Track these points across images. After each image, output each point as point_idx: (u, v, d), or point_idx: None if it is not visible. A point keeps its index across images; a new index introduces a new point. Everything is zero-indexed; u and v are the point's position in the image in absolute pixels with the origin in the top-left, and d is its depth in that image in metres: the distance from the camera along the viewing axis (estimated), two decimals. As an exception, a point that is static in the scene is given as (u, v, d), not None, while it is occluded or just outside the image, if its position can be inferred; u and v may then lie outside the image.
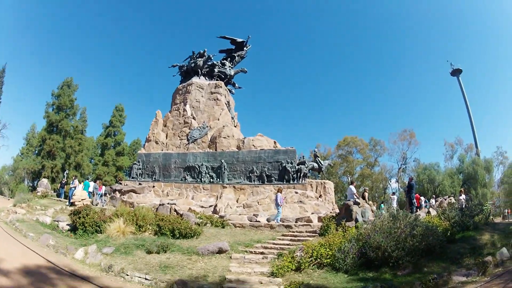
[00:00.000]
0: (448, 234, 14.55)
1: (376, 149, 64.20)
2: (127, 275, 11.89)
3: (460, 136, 67.32)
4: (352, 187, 21.47)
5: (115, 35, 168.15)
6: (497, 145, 78.14)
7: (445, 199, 21.98)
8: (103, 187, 29.56)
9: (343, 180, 64.58)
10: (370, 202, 22.96)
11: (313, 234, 16.88)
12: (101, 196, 26.85)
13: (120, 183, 31.46)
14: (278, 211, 20.61)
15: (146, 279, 11.54)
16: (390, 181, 60.81)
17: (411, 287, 10.44)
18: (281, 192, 21.28)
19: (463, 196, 22.66)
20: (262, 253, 14.36)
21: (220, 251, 14.43)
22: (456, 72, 79.39)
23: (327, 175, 58.86)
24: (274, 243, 15.75)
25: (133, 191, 29.87)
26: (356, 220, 16.53)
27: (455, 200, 21.50)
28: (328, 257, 12.52)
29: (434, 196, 25.84)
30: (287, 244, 15.35)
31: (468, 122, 73.47)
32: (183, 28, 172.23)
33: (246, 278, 11.38)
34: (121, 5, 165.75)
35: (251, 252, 14.58)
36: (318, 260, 12.55)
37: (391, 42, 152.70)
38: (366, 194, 22.27)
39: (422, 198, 26.38)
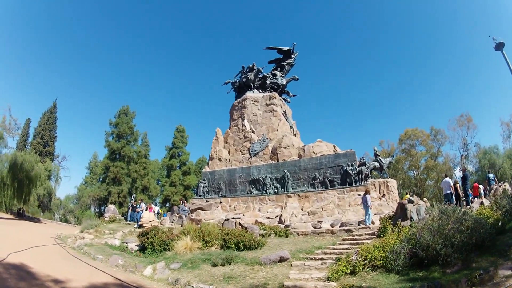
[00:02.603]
0: (499, 224, 14.06)
1: (438, 139, 61.80)
2: (193, 286, 12.55)
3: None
4: (448, 179, 21.20)
5: (162, 59, 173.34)
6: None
7: (500, 186, 21.10)
8: (154, 207, 31.11)
9: (409, 174, 62.97)
10: (425, 199, 22.48)
11: (372, 236, 16.86)
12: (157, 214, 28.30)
13: (184, 202, 32.50)
14: (367, 213, 20.32)
15: None
16: (455, 171, 58.70)
17: (457, 285, 10.31)
18: (369, 193, 21.02)
19: None
20: (321, 259, 14.55)
21: (281, 260, 14.76)
22: (499, 46, 75.50)
23: (393, 172, 57.78)
24: (334, 248, 15.86)
25: (201, 208, 30.94)
26: (411, 219, 16.30)
27: (510, 186, 20.59)
28: (381, 258, 12.58)
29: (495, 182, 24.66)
30: (346, 248, 15.40)
31: None
32: (229, 44, 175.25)
33: (302, 284, 11.67)
34: (164, 28, 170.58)
35: (311, 259, 14.77)
36: (372, 262, 12.64)
37: (432, 27, 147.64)
38: (458, 186, 21.90)
39: (480, 186, 25.13)
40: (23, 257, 13.94)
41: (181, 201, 33.16)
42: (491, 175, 24.95)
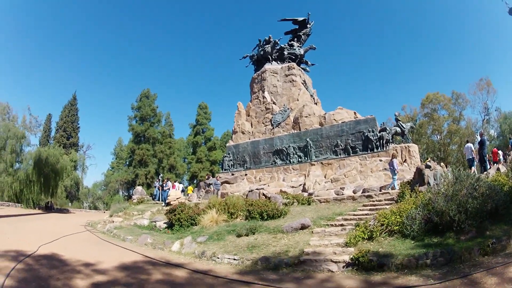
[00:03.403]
0: None
1: (459, 103, 60.82)
2: (218, 258, 12.98)
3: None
4: (470, 144, 21.22)
5: (179, 37, 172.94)
6: None
7: None
8: (177, 185, 31.91)
9: (433, 139, 62.41)
10: (442, 163, 22.42)
11: (391, 202, 16.83)
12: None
13: (209, 177, 32.78)
14: (393, 178, 20.18)
15: (234, 259, 12.55)
16: (477, 135, 58.24)
17: (470, 253, 10.20)
18: (396, 158, 21.03)
19: None
20: (341, 225, 14.75)
21: (303, 227, 15.02)
22: None
23: (416, 137, 57.25)
24: (354, 214, 15.99)
25: (227, 182, 31.51)
26: (428, 184, 16.20)
27: None
28: (397, 224, 12.63)
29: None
30: (366, 214, 15.50)
31: None
32: (245, 18, 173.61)
33: (322, 250, 11.85)
34: (179, 5, 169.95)
35: (331, 225, 14.99)
36: (389, 228, 12.72)
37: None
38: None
39: (500, 152, 24.85)
40: (54, 247, 14.42)
41: (207, 176, 33.60)
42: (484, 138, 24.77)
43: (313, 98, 38.17)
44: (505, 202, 12.55)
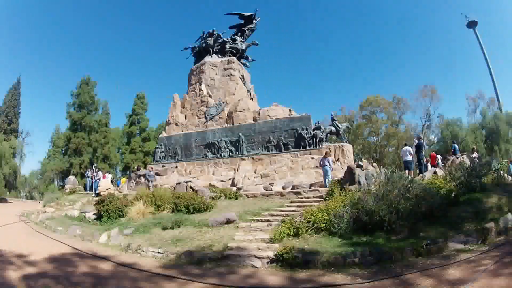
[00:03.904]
0: (452, 196, 14.18)
1: (399, 107, 63.20)
2: (143, 251, 12.69)
3: (482, 90, 65.24)
4: (408, 147, 21.47)
5: (123, 25, 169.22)
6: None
7: (457, 158, 21.36)
8: (108, 175, 30.78)
9: (369, 140, 64.32)
10: (375, 164, 22.69)
11: (320, 199, 16.83)
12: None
13: (139, 168, 32.01)
14: (327, 176, 20.17)
15: (159, 252, 12.29)
16: (415, 139, 60.04)
17: (401, 252, 10.28)
18: (329, 156, 21.48)
19: (475, 154, 22.04)
20: (268, 220, 14.59)
21: (228, 222, 14.91)
22: (472, 24, 77.00)
23: (353, 137, 58.52)
24: (281, 210, 15.97)
25: (157, 173, 30.45)
26: (359, 183, 16.27)
27: (467, 158, 20.83)
28: (324, 221, 12.54)
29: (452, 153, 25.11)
30: (293, 211, 15.48)
31: (489, 75, 71.40)
32: (191, 10, 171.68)
33: (246, 245, 11.71)
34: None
35: (258, 221, 14.87)
36: (316, 225, 12.61)
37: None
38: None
39: (438, 156, 25.40)
40: (-13, 237, 14.10)
41: (137, 167, 32.79)
42: (456, 146, 25.31)
43: (250, 94, 37.91)
44: (442, 205, 12.88)
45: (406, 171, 20.03)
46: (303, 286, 8.68)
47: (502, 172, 19.82)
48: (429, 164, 23.22)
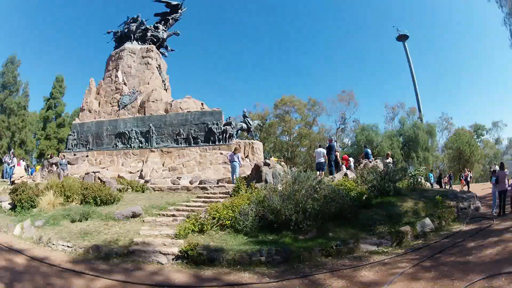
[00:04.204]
0: (364, 198, 14.43)
1: (314, 109, 65.03)
2: (53, 244, 12.19)
3: (404, 101, 69.51)
4: (321, 149, 21.57)
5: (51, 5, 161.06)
6: (443, 111, 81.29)
7: (371, 162, 21.76)
8: (22, 162, 29.09)
9: (282, 139, 65.41)
10: (283, 163, 22.74)
11: (226, 196, 16.81)
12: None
13: (52, 156, 30.24)
14: (235, 172, 20.15)
15: (68, 246, 11.88)
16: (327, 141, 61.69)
17: (310, 252, 10.24)
18: (239, 152, 21.21)
19: (389, 160, 22.54)
20: (173, 215, 14.44)
21: (134, 215, 14.58)
22: (402, 38, 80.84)
23: (265, 135, 59.09)
24: (187, 205, 15.84)
25: (69, 162, 29.06)
26: (266, 181, 16.31)
27: (381, 163, 21.24)
28: (229, 218, 12.46)
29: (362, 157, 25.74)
30: (199, 206, 15.35)
31: (412, 88, 75.54)
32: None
33: (151, 240, 11.45)
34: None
35: (163, 215, 14.74)
36: (221, 221, 12.51)
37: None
38: (338, 155, 22.15)
39: (351, 159, 26.06)
40: None
41: (50, 155, 30.86)
42: (369, 150, 25.77)
43: (164, 84, 37.08)
44: (352, 207, 13.18)
45: (318, 172, 20.17)
46: (209, 285, 8.61)
47: (421, 178, 20.36)
48: (344, 166, 23.29)
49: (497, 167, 17.81)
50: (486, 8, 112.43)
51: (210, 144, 27.29)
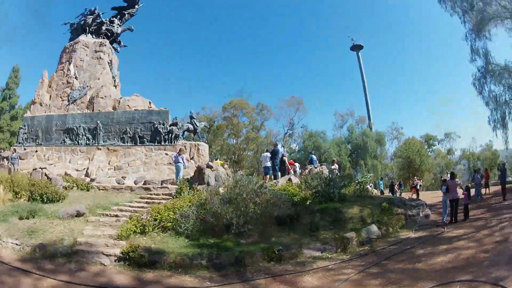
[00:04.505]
0: (307, 204, 14.53)
1: (263, 113, 65.17)
2: (3, 241, 11.83)
3: (354, 110, 70.85)
4: (268, 153, 21.70)
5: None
6: (393, 121, 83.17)
7: (316, 167, 21.90)
8: None
9: (229, 142, 65.21)
10: (226, 166, 22.75)
11: (169, 197, 16.82)
12: None
13: (4, 150, 29.89)
14: (179, 173, 20.29)
15: (17, 244, 11.65)
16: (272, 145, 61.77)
17: (252, 257, 10.22)
18: (184, 154, 21.57)
19: (335, 166, 22.72)
20: (116, 216, 14.45)
21: (79, 214, 14.48)
22: (356, 48, 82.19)
23: (212, 137, 58.93)
24: (130, 206, 15.91)
25: (19, 157, 28.48)
26: (208, 184, 16.30)
27: (327, 169, 21.37)
28: (171, 220, 12.47)
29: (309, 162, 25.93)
30: (142, 207, 15.46)
31: (363, 96, 77.51)
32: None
33: (94, 241, 11.39)
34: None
35: (106, 215, 14.72)
36: (162, 223, 12.51)
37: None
38: (286, 159, 22.19)
39: (297, 164, 26.28)
40: None
41: (2, 149, 30.37)
42: (314, 156, 25.83)
43: (115, 80, 36.50)
44: (295, 212, 13.25)
45: (265, 176, 20.29)
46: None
47: (370, 185, 20.53)
48: (292, 171, 23.34)
49: (448, 176, 18.14)
50: (448, 22, 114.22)
51: (156, 144, 27.26)
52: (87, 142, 29.37)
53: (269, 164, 21.21)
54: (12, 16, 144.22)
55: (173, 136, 27.02)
